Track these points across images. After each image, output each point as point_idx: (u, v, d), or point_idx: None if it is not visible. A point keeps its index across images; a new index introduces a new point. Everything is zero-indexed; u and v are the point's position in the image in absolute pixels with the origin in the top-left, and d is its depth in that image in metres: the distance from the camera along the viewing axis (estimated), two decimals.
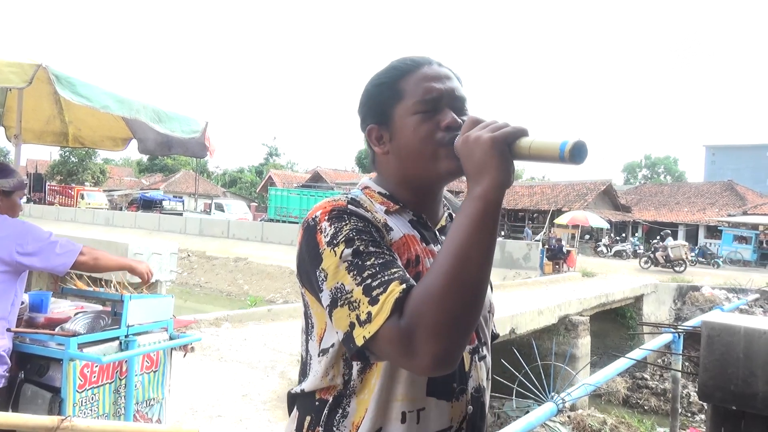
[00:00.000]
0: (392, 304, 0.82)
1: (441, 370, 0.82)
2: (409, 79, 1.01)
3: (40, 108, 3.67)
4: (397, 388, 0.94)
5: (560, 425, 6.32)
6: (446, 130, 0.99)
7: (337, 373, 0.97)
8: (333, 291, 0.88)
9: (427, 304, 0.80)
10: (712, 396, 2.65)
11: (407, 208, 1.05)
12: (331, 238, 0.90)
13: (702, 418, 9.55)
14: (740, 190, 34.90)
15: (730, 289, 15.97)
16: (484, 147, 0.85)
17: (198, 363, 5.55)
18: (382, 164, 1.08)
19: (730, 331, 2.58)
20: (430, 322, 0.79)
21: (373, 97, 1.05)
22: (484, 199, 0.84)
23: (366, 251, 0.88)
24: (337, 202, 0.96)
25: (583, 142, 0.80)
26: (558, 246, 18.76)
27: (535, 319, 9.94)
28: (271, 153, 65.20)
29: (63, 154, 44.38)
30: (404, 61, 1.05)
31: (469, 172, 0.88)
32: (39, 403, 2.43)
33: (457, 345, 0.82)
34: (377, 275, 0.85)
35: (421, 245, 1.01)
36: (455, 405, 0.98)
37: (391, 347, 0.82)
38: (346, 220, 0.92)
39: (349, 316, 0.85)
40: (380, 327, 0.82)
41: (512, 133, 0.86)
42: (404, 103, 1.01)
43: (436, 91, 1.00)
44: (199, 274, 22.15)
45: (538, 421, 2.92)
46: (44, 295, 2.91)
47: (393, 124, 1.02)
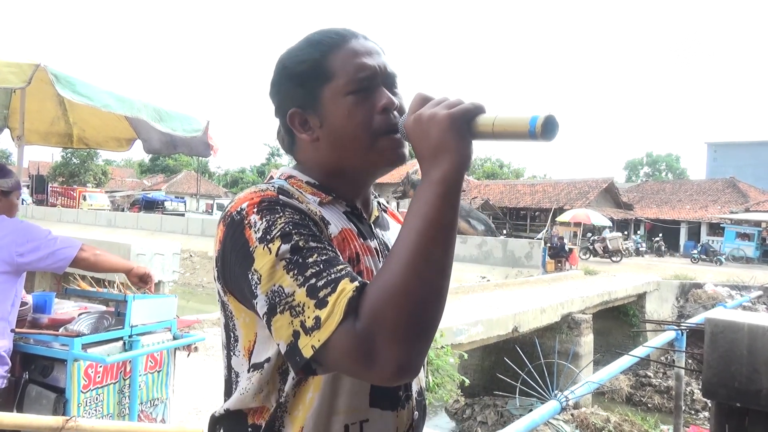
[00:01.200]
0: (345, 305, 0.71)
1: (404, 378, 0.72)
2: (336, 56, 0.89)
3: (45, 109, 3.68)
4: (338, 400, 0.85)
5: (564, 423, 6.33)
6: (383, 112, 0.89)
7: (272, 389, 0.85)
8: (270, 295, 0.75)
9: (387, 304, 0.70)
10: (716, 393, 2.65)
11: (339, 198, 0.94)
12: (264, 233, 0.77)
13: (706, 416, 9.54)
14: (742, 187, 34.83)
15: (732, 286, 15.96)
16: (441, 126, 0.76)
17: (202, 363, 5.56)
18: (307, 152, 0.95)
19: (733, 328, 2.58)
20: (392, 324, 0.70)
21: (294, 78, 0.91)
22: (444, 183, 0.75)
23: (306, 246, 0.76)
24: (266, 192, 0.83)
25: (554, 115, 0.72)
26: (560, 244, 18.75)
27: (537, 318, 9.94)
28: (273, 153, 65.23)
29: (65, 155, 44.45)
30: (327, 34, 0.91)
31: (423, 154, 0.78)
32: (43, 404, 2.44)
33: (421, 348, 0.72)
34: (322, 274, 0.74)
35: (358, 240, 0.91)
36: (401, 413, 0.91)
37: (347, 356, 0.71)
38: (280, 212, 0.79)
39: (291, 323, 0.73)
40: (332, 333, 0.70)
41: (471, 109, 0.77)
42: (334, 83, 0.88)
43: (370, 69, 0.89)
44: (201, 274, 22.18)
45: (542, 419, 2.92)
46: (48, 296, 2.92)
47: (322, 108, 0.89)
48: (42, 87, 2.86)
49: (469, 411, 9.56)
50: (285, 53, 0.94)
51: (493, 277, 16.21)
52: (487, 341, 8.72)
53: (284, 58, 0.93)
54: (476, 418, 9.25)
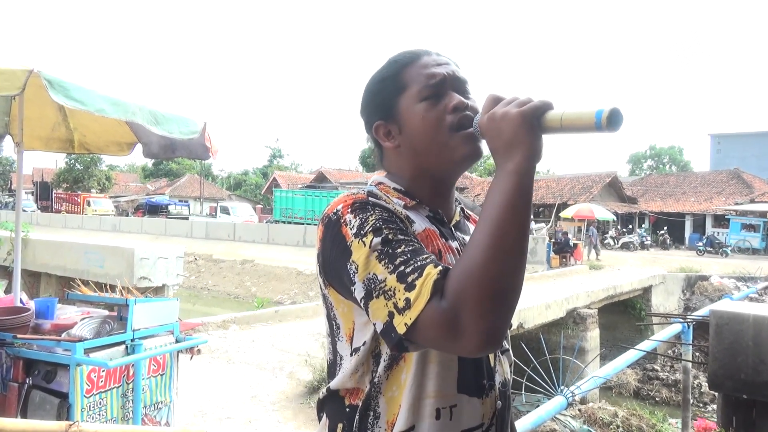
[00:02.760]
0: (431, 286, 0.80)
1: (489, 348, 0.81)
2: (410, 70, 1.01)
3: (45, 116, 3.69)
4: (428, 384, 0.92)
5: (571, 419, 6.29)
6: (454, 111, 0.98)
7: (366, 371, 0.94)
8: (366, 282, 0.85)
9: (468, 282, 0.78)
10: (723, 385, 2.63)
11: (423, 203, 1.03)
12: (358, 229, 0.88)
13: (714, 408, 9.49)
14: (747, 178, 34.63)
15: (739, 277, 15.87)
16: (513, 122, 0.84)
17: (207, 365, 5.57)
18: (393, 160, 1.06)
19: (738, 320, 2.56)
20: (474, 299, 0.77)
21: (377, 94, 1.04)
22: (518, 173, 0.83)
23: (395, 239, 0.86)
24: (357, 195, 0.95)
25: (619, 108, 0.79)
26: (564, 239, 18.69)
27: (542, 313, 9.91)
28: (275, 155, 65.25)
29: (68, 161, 44.62)
30: (403, 54, 1.05)
31: (497, 149, 0.87)
32: (47, 409, 2.44)
33: (502, 321, 0.80)
34: (410, 261, 0.83)
35: (440, 240, 1.00)
36: (486, 401, 0.98)
37: (436, 330, 0.79)
38: (371, 211, 0.90)
39: (386, 305, 0.83)
40: (421, 311, 0.79)
41: (540, 106, 0.85)
42: (409, 93, 1.00)
43: (439, 75, 1.00)
44: (206, 277, 22.21)
45: (548, 415, 2.90)
46: (50, 301, 2.92)
47: (400, 116, 1.01)
48: (41, 93, 2.86)
49: None
50: (371, 75, 1.07)
51: None
52: None
53: (370, 79, 1.06)
54: None
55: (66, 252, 10.97)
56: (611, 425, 6.53)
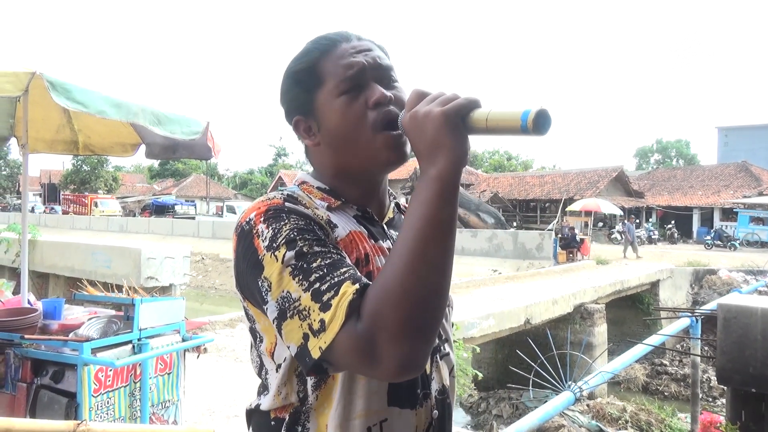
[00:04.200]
0: (346, 307, 0.73)
1: (408, 375, 0.74)
2: (326, 61, 0.91)
3: (50, 118, 3.70)
4: (356, 403, 0.86)
5: (579, 414, 6.29)
6: (375, 107, 0.89)
7: (290, 391, 0.88)
8: (279, 301, 0.78)
9: (386, 304, 0.71)
10: (731, 379, 2.61)
11: (350, 202, 0.96)
12: (270, 241, 0.80)
13: (724, 403, 9.45)
14: (755, 170, 34.38)
15: (747, 271, 15.76)
16: (435, 123, 0.76)
17: (214, 364, 5.59)
18: (315, 157, 0.98)
19: (746, 313, 2.54)
20: (392, 323, 0.71)
21: (293, 87, 0.95)
22: (441, 180, 0.75)
23: (310, 252, 0.79)
24: (272, 201, 0.86)
25: (546, 109, 0.72)
26: (571, 235, 18.61)
27: (549, 309, 9.88)
28: (279, 153, 65.36)
29: (75, 163, 44.92)
30: (318, 41, 0.94)
31: (420, 151, 0.79)
32: (55, 409, 2.46)
33: (423, 345, 0.73)
34: (325, 277, 0.76)
35: (369, 242, 0.92)
36: (419, 412, 0.92)
37: (351, 355, 0.73)
38: (285, 220, 0.82)
39: (301, 327, 0.75)
40: (336, 335, 0.72)
41: (465, 105, 0.77)
42: (326, 87, 0.91)
43: (358, 65, 0.90)
44: (213, 276, 22.29)
45: (556, 411, 2.90)
46: (58, 302, 2.94)
47: (318, 113, 0.92)
48: (45, 95, 2.87)
49: (484, 405, 9.53)
50: (287, 65, 0.97)
51: (504, 270, 16.14)
52: (499, 334, 8.69)
53: (286, 69, 0.97)
54: (491, 412, 9.22)
55: (73, 253, 11.04)
56: (620, 420, 6.51)
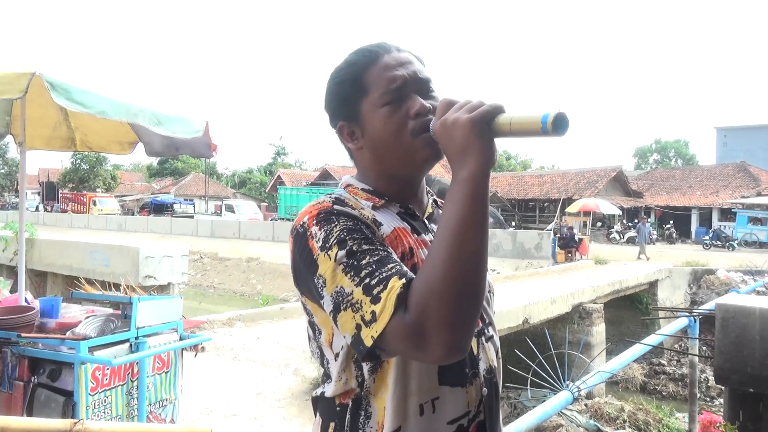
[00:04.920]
0: (395, 300, 0.81)
1: (454, 358, 0.82)
2: (370, 72, 1.00)
3: (47, 115, 3.69)
4: (410, 383, 0.94)
5: (577, 413, 6.29)
6: (416, 117, 0.98)
7: (349, 377, 0.96)
8: (334, 296, 0.87)
9: (430, 295, 0.80)
10: (729, 379, 2.61)
11: (393, 201, 1.04)
12: (323, 242, 0.89)
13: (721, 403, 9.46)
14: (753, 171, 34.43)
15: (746, 271, 15.79)
16: (463, 129, 0.85)
17: (212, 363, 5.58)
18: (359, 160, 1.07)
19: (744, 313, 2.54)
20: (436, 312, 0.79)
21: (338, 95, 1.03)
22: (472, 181, 0.83)
23: (360, 250, 0.87)
24: (323, 204, 0.95)
25: (564, 112, 0.79)
26: (570, 234, 18.61)
27: (548, 308, 9.88)
28: (279, 152, 65.26)
29: (74, 161, 44.83)
30: (362, 53, 1.03)
31: (451, 155, 0.87)
32: (52, 407, 2.45)
33: (466, 331, 0.82)
34: (375, 273, 0.84)
35: (412, 236, 1.00)
36: (470, 389, 0.99)
37: (401, 342, 0.82)
38: (335, 222, 0.91)
39: (353, 318, 0.85)
40: (386, 324, 0.81)
41: (490, 111, 0.85)
42: (370, 97, 0.99)
43: (400, 79, 0.99)
44: (212, 275, 22.28)
45: (554, 410, 2.89)
46: (55, 300, 2.93)
47: (362, 119, 1.01)
48: (43, 93, 2.86)
49: None
50: (331, 74, 1.06)
51: (503, 270, 16.14)
52: (498, 333, 8.68)
53: (329, 78, 1.05)
54: None
55: (72, 251, 11.02)
56: (618, 420, 6.52)
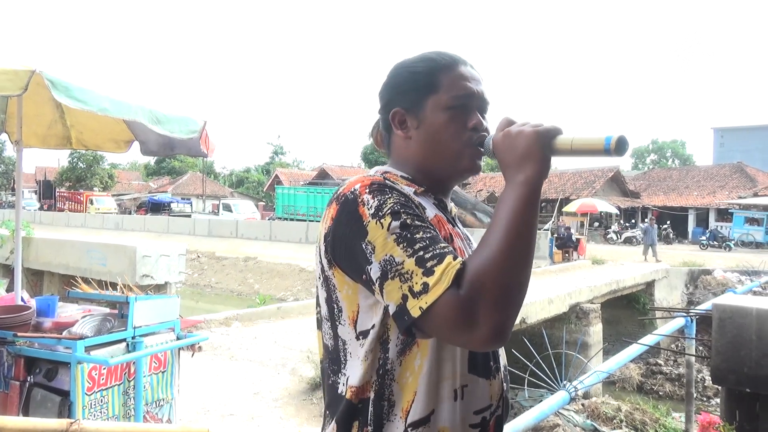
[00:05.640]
0: (453, 275, 0.83)
1: (497, 342, 0.83)
2: (446, 74, 1.04)
3: (42, 113, 3.68)
4: (445, 366, 0.95)
5: (574, 413, 6.29)
6: (472, 130, 1.04)
7: (374, 358, 0.94)
8: (383, 263, 0.87)
9: (486, 276, 0.82)
10: (726, 379, 2.62)
11: (429, 191, 1.08)
12: (376, 210, 0.90)
13: (718, 402, 9.47)
14: (750, 171, 34.50)
15: (742, 271, 15.82)
16: (528, 139, 0.91)
17: (209, 362, 5.57)
18: (400, 148, 1.09)
19: (741, 313, 2.55)
20: (493, 292, 0.81)
21: (406, 83, 1.06)
22: (529, 184, 0.89)
23: (413, 224, 0.89)
24: (375, 177, 0.98)
25: (625, 136, 0.88)
26: (567, 234, 18.63)
27: (545, 308, 9.89)
28: (277, 152, 65.16)
29: (71, 160, 44.70)
30: (442, 54, 1.07)
31: (510, 162, 0.93)
32: (49, 407, 2.44)
33: (513, 315, 0.84)
34: (429, 248, 0.86)
35: (449, 225, 1.05)
36: (493, 383, 1.01)
37: (450, 318, 0.82)
38: (389, 194, 0.92)
39: (401, 288, 0.85)
40: (439, 297, 0.82)
41: (552, 129, 0.92)
42: (438, 96, 1.03)
43: (471, 92, 1.04)
44: (209, 274, 22.24)
45: (551, 410, 2.90)
46: (51, 299, 2.92)
47: (422, 114, 1.04)
48: (39, 91, 2.85)
49: None
50: (402, 62, 1.10)
51: None
52: None
53: (400, 65, 1.09)
54: None
55: (69, 250, 11.00)
56: (614, 420, 6.52)
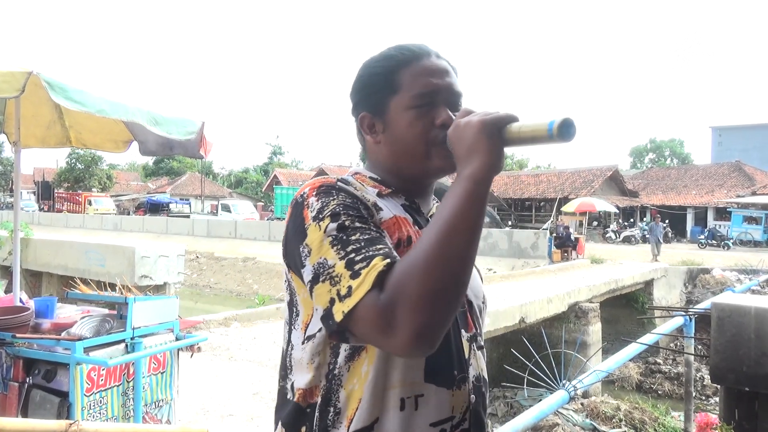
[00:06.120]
0: (374, 277, 0.79)
1: (421, 349, 0.78)
2: (406, 71, 0.99)
3: (41, 114, 3.67)
4: (393, 373, 0.90)
5: (573, 413, 6.30)
6: (441, 127, 0.97)
7: (323, 361, 0.92)
8: (316, 266, 0.85)
9: (409, 278, 0.77)
10: (725, 378, 2.62)
11: (399, 192, 1.04)
12: (317, 212, 0.88)
13: (717, 401, 9.48)
14: (748, 170, 34.56)
15: (741, 270, 15.84)
16: (473, 129, 0.86)
17: (209, 363, 5.57)
18: (373, 152, 1.06)
19: (740, 312, 2.55)
20: (412, 295, 0.76)
21: (368, 86, 1.02)
22: (473, 179, 0.83)
23: (351, 226, 0.86)
24: (326, 179, 0.95)
25: (571, 118, 0.81)
26: (566, 234, 18.64)
27: (544, 308, 9.89)
28: (275, 152, 65.17)
29: (69, 161, 44.68)
30: (401, 50, 1.01)
31: (459, 155, 0.87)
32: (47, 408, 2.44)
33: (438, 322, 0.78)
34: (361, 250, 0.82)
35: (413, 228, 0.99)
36: (456, 393, 0.94)
37: (370, 323, 0.78)
38: (334, 196, 0.90)
39: (330, 291, 0.82)
40: (359, 300, 0.78)
41: (502, 117, 0.86)
42: (400, 97, 0.99)
43: (434, 87, 0.98)
44: (208, 275, 22.24)
45: (551, 409, 2.89)
46: (50, 300, 2.92)
47: (387, 116, 1.00)
48: (37, 92, 2.85)
49: None
50: (366, 61, 1.05)
51: (499, 269, 16.16)
52: (494, 333, 8.69)
53: (364, 66, 1.05)
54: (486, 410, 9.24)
55: (67, 251, 10.98)
56: (614, 419, 6.53)
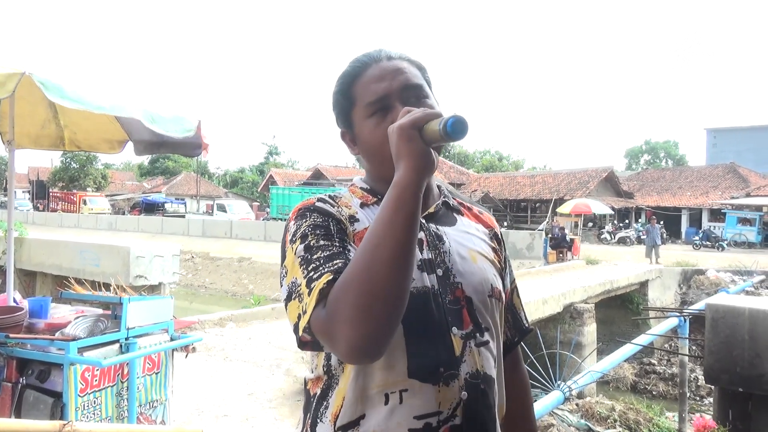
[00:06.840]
0: (317, 294, 0.85)
1: (361, 358, 0.83)
2: (358, 84, 1.03)
3: (35, 113, 3.66)
4: (375, 373, 0.94)
5: (568, 413, 6.30)
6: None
7: (319, 363, 1.00)
8: (290, 285, 0.92)
9: (343, 292, 0.81)
10: (719, 379, 2.63)
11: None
12: (292, 235, 0.95)
13: (711, 402, 9.51)
14: (743, 172, 34.73)
15: (735, 271, 15.93)
16: (395, 134, 0.85)
17: (203, 363, 5.55)
18: (361, 163, 1.13)
19: (734, 313, 2.56)
20: (343, 308, 0.80)
21: (335, 105, 1.09)
22: (398, 184, 0.83)
23: (316, 245, 0.91)
24: (308, 201, 1.01)
25: (460, 116, 0.78)
26: (561, 235, 18.70)
27: (539, 309, 9.91)
28: (271, 152, 65.07)
29: (64, 160, 44.45)
30: (354, 63, 1.06)
31: (394, 160, 0.87)
32: (41, 409, 2.42)
33: (374, 332, 0.79)
34: (319, 268, 0.88)
35: None
36: (443, 390, 0.95)
37: (320, 336, 0.85)
38: (307, 217, 0.96)
39: (298, 308, 0.89)
40: (310, 317, 0.85)
41: (420, 118, 0.84)
42: (357, 109, 1.03)
43: (383, 92, 1.00)
44: (203, 275, 22.17)
45: (545, 410, 2.91)
46: (44, 300, 2.90)
47: (355, 129, 1.06)
48: (32, 91, 2.83)
49: None
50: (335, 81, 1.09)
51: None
52: None
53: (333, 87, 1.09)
54: None
55: (61, 251, 10.93)
56: (608, 419, 6.54)
